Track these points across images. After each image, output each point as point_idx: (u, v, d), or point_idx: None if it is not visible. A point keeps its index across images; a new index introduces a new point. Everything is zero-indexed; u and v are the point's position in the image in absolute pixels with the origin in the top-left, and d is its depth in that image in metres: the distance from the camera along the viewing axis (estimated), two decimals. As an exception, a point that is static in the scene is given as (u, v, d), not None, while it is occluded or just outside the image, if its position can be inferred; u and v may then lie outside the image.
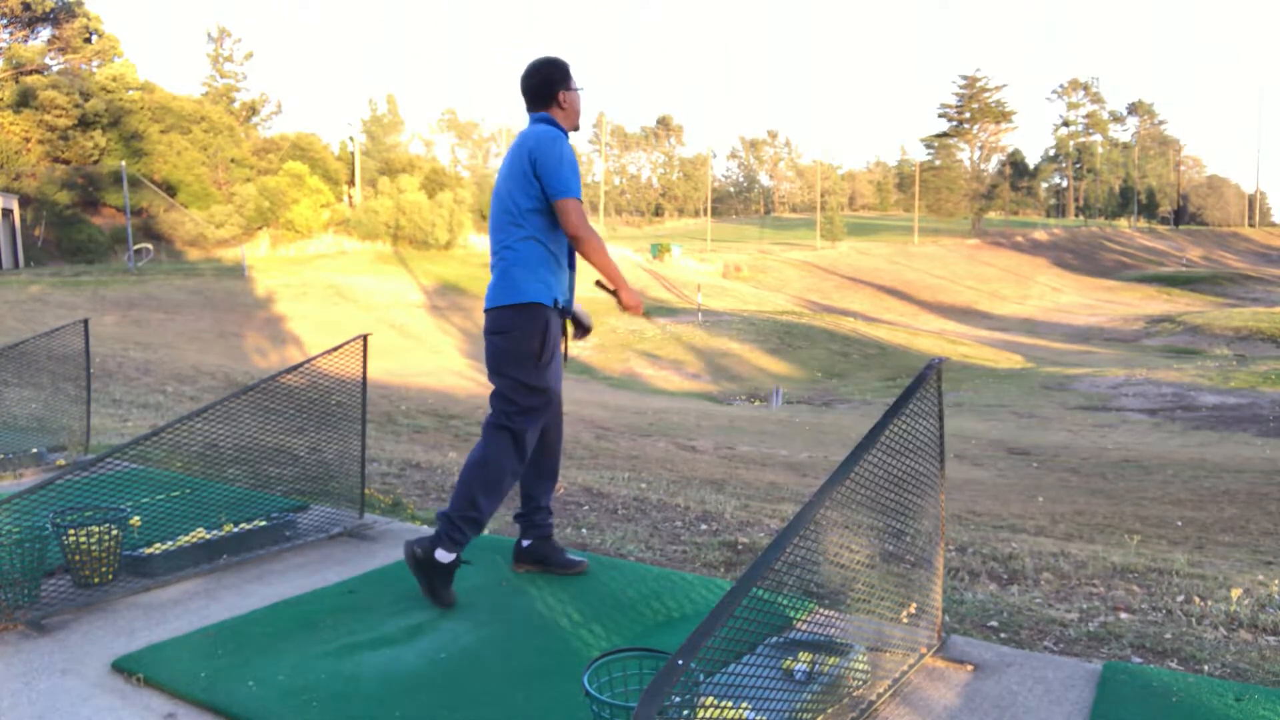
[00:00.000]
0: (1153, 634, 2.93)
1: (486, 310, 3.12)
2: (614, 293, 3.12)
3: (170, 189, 37.57)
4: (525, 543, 3.32)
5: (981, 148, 77.56)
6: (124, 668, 2.52)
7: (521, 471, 3.13)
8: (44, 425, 5.61)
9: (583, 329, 3.36)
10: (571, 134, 3.23)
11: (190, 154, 38.64)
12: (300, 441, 3.90)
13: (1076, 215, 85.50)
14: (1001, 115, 74.75)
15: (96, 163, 36.25)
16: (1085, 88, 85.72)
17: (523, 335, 3.03)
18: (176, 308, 22.62)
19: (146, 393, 10.98)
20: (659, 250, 44.84)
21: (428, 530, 3.99)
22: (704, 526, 4.51)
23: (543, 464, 3.27)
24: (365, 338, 3.85)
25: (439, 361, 20.28)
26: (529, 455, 3.13)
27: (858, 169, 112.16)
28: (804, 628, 2.10)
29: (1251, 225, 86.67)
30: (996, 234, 63.12)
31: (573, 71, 3.20)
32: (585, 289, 3.17)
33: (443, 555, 2.98)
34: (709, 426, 13.46)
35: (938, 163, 75.10)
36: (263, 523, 3.66)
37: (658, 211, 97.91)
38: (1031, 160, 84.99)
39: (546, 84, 3.14)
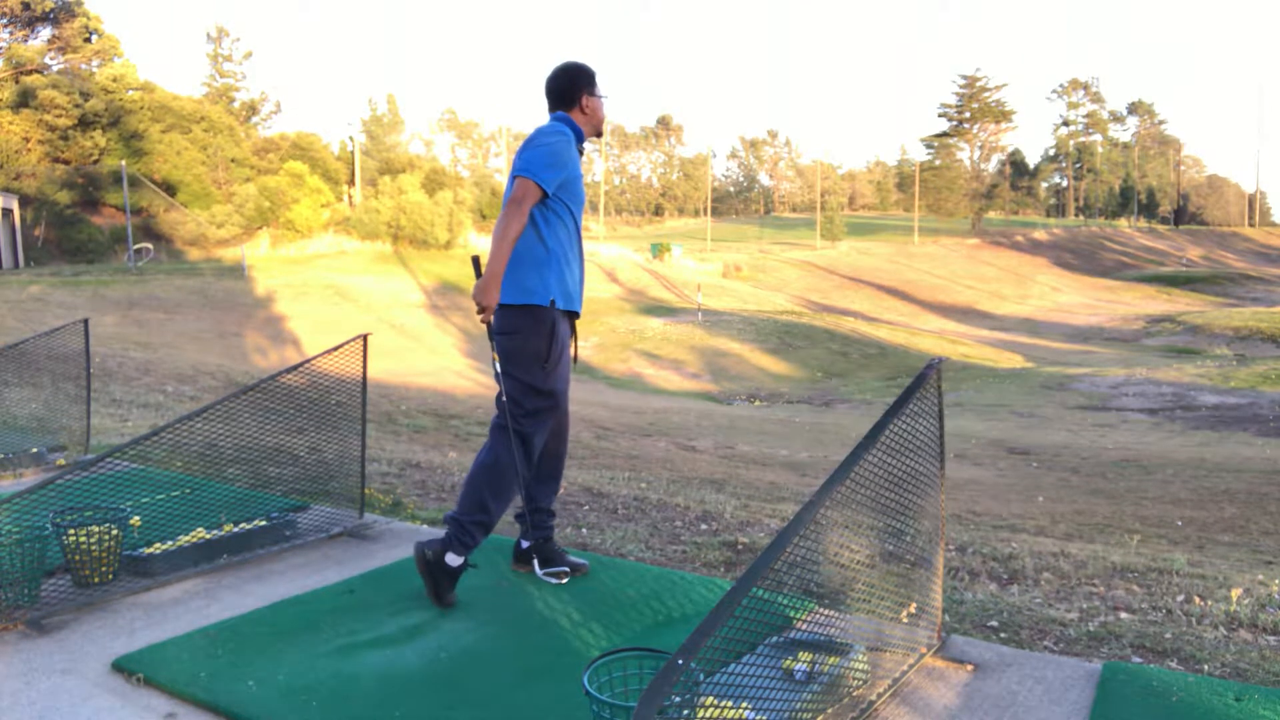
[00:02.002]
0: (1153, 634, 2.93)
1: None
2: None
3: (170, 189, 37.57)
4: (525, 543, 3.32)
5: (981, 147, 77.49)
6: (124, 668, 2.52)
7: (529, 474, 3.13)
8: (44, 425, 5.61)
9: None
10: (593, 139, 3.24)
11: (190, 154, 38.64)
12: (300, 441, 3.90)
13: (1076, 215, 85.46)
14: (1001, 115, 74.66)
15: (96, 162, 36.25)
16: (1085, 88, 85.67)
17: (529, 337, 3.01)
18: (176, 307, 22.62)
19: (146, 392, 10.98)
20: (659, 250, 44.84)
21: (429, 530, 4.00)
22: (704, 526, 4.51)
23: (545, 465, 3.27)
24: (365, 338, 3.85)
25: (439, 361, 20.28)
26: (537, 457, 3.12)
27: (858, 169, 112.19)
28: (804, 627, 2.10)
29: (1251, 225, 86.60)
30: (996, 234, 63.08)
31: (598, 79, 3.20)
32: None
33: (452, 559, 2.98)
34: (709, 426, 13.46)
35: (938, 162, 75.00)
36: (263, 522, 3.67)
37: (658, 211, 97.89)
38: (1031, 160, 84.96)
39: (570, 88, 3.14)
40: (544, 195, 2.97)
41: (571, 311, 3.16)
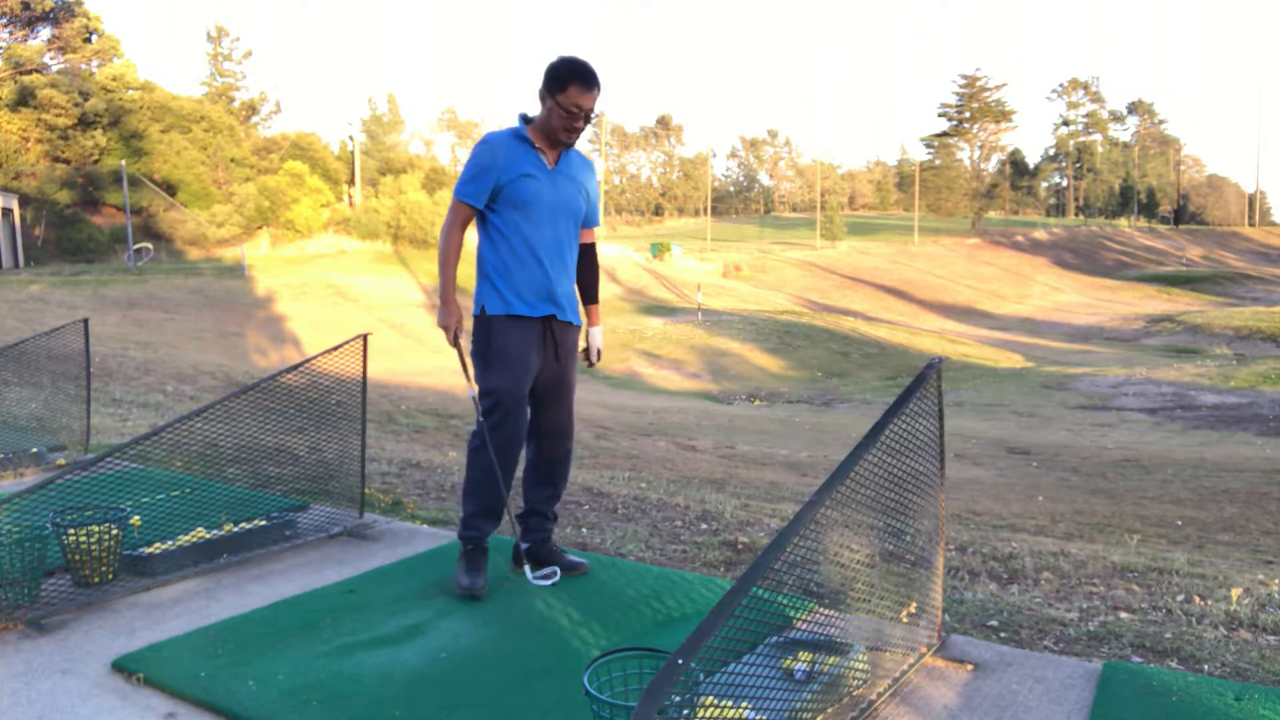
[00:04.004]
0: (1153, 633, 2.93)
1: None
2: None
3: (170, 188, 37.57)
4: (523, 545, 3.32)
5: (981, 147, 77.51)
6: (124, 667, 2.52)
7: (491, 470, 3.11)
8: (44, 425, 5.61)
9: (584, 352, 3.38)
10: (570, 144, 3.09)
11: (190, 153, 38.64)
12: (300, 441, 3.90)
13: (1076, 215, 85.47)
14: (1001, 115, 74.67)
15: (96, 162, 36.25)
16: (1085, 87, 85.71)
17: (474, 341, 3.15)
18: (176, 307, 22.61)
19: (146, 392, 10.98)
20: (659, 250, 44.80)
21: (429, 530, 4.00)
22: (704, 526, 4.51)
23: (540, 470, 3.29)
24: (365, 337, 3.85)
25: (439, 361, 20.26)
26: (504, 458, 3.11)
27: (858, 169, 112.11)
28: (804, 627, 2.11)
29: (1251, 225, 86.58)
30: (996, 233, 63.05)
31: (574, 83, 2.94)
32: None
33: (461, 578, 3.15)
34: (709, 426, 13.46)
35: (938, 162, 75.03)
36: (263, 522, 3.66)
37: (658, 211, 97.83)
38: (1031, 160, 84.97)
39: (542, 84, 3.05)
40: (475, 209, 3.05)
41: (542, 316, 3.10)
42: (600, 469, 7.51)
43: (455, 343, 3.10)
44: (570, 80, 2.95)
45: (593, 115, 3.08)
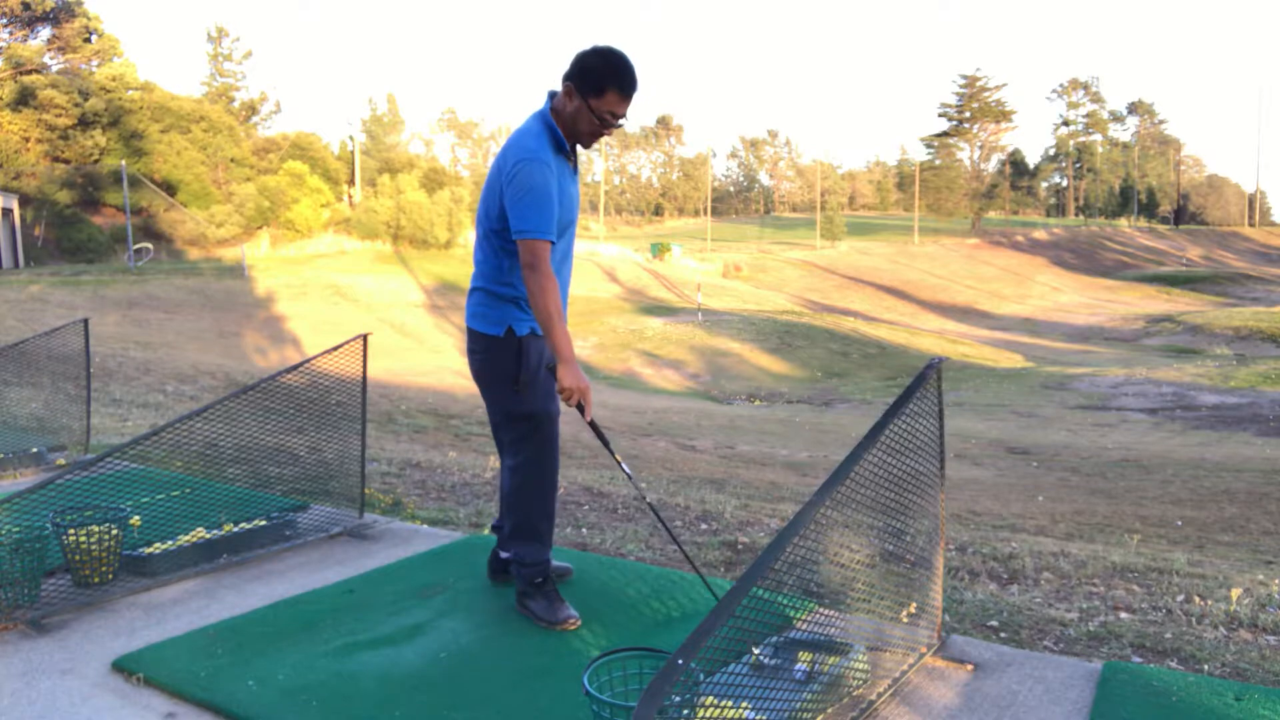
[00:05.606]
0: (1153, 634, 2.93)
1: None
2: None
3: (170, 188, 37.58)
4: (505, 554, 3.22)
5: (981, 147, 77.47)
6: (124, 667, 2.52)
7: (548, 495, 2.90)
8: (44, 425, 5.61)
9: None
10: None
11: (190, 153, 38.65)
12: (300, 441, 3.90)
13: (1076, 215, 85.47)
14: (1001, 115, 74.63)
15: (96, 162, 36.26)
16: (1085, 87, 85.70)
17: (494, 357, 2.82)
18: (176, 307, 22.61)
19: (146, 392, 10.98)
20: (659, 250, 44.81)
21: (429, 530, 4.00)
22: (704, 526, 4.51)
23: None
24: (365, 337, 3.85)
25: (439, 361, 20.28)
26: (554, 470, 2.90)
27: (858, 169, 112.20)
28: (804, 627, 2.11)
29: (1251, 225, 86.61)
30: (996, 233, 63.04)
31: (613, 89, 2.58)
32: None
33: (527, 588, 2.92)
34: (709, 426, 13.46)
35: (938, 162, 75.00)
36: (263, 522, 3.66)
37: (658, 211, 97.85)
38: (1031, 160, 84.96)
39: (573, 74, 2.63)
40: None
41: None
42: (600, 469, 7.51)
43: (592, 419, 2.63)
44: (609, 85, 2.60)
45: (624, 120, 2.69)
